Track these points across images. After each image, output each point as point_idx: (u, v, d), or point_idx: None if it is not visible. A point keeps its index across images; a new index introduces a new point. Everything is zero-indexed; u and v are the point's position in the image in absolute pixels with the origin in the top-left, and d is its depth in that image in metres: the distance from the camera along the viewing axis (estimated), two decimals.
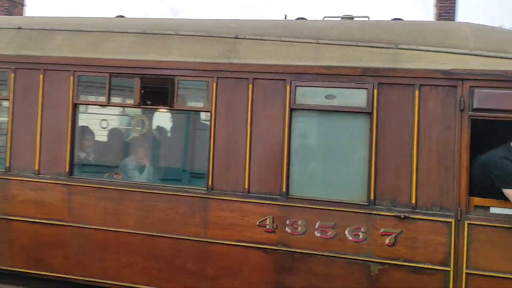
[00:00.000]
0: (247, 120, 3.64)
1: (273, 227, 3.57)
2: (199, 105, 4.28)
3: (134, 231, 3.83)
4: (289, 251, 3.55)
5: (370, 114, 3.42)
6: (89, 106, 4.72)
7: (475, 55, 3.31)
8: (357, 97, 3.47)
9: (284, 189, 3.56)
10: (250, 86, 3.64)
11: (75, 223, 3.92)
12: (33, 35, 4.16)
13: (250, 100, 3.64)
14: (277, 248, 3.57)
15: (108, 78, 3.90)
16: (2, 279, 4.13)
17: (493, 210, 3.30)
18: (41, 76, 3.99)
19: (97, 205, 3.88)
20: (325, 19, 4.34)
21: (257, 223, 3.60)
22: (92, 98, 4.38)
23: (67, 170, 3.94)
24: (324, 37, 3.64)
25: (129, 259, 3.88)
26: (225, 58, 3.71)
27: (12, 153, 4.05)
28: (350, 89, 3.48)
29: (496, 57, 3.28)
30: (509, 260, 3.22)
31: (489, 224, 3.25)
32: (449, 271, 3.30)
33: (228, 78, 3.70)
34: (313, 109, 3.58)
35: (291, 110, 3.56)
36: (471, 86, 3.26)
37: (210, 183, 3.70)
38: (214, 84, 3.70)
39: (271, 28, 3.85)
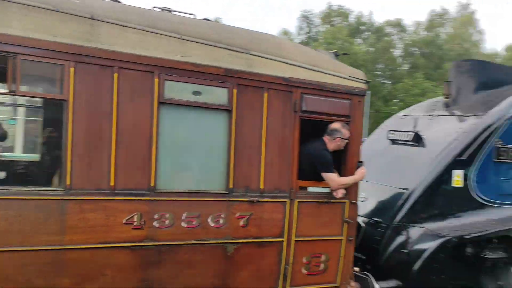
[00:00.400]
0: (112, 112, 3.36)
1: (141, 224, 3.49)
2: (51, 91, 3.55)
3: None
4: (156, 245, 3.56)
5: (230, 111, 3.79)
6: None
7: (303, 67, 4.17)
8: (220, 95, 3.77)
9: (152, 184, 3.52)
10: (116, 75, 3.37)
11: None
12: None
13: (115, 91, 3.37)
14: (144, 244, 3.51)
15: None
16: None
17: (310, 189, 4.30)
18: None
19: None
20: (154, 9, 4.32)
21: (124, 221, 3.43)
22: None
23: None
24: (186, 33, 3.73)
25: None
26: (86, 41, 3.28)
27: None
28: (214, 87, 3.74)
29: (315, 70, 4.24)
30: (321, 226, 4.30)
31: (309, 200, 4.24)
32: (283, 241, 4.11)
33: (89, 64, 3.29)
34: (181, 104, 3.64)
35: (160, 104, 3.52)
36: (301, 93, 4.11)
37: (68, 182, 3.23)
38: (72, 69, 3.22)
39: (129, 14, 3.61)
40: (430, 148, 5.94)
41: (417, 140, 6.10)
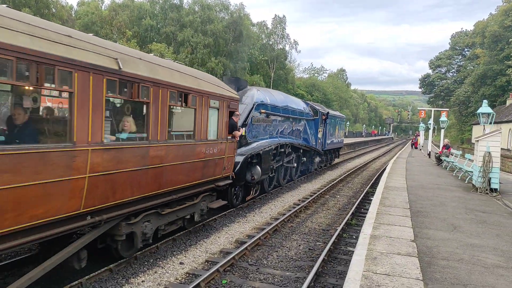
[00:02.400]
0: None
1: None
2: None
3: None
4: (205, 160, 9.50)
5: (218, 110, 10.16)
6: None
7: (230, 91, 11.03)
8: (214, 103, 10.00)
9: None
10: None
11: None
12: None
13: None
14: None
15: None
16: None
17: (228, 137, 10.94)
18: None
19: None
20: None
21: None
22: None
23: None
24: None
25: None
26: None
27: None
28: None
29: (232, 92, 11.30)
30: (231, 150, 11.15)
31: (229, 141, 10.78)
32: (224, 157, 10.59)
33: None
34: None
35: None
36: (230, 101, 10.81)
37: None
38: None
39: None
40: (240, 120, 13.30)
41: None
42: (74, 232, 6.46)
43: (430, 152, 35.85)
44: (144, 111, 7.20)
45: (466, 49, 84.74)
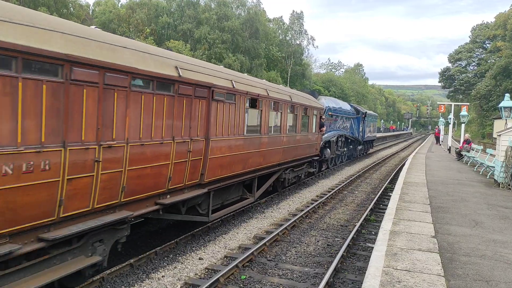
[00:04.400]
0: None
1: None
2: None
3: None
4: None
5: (317, 116, 18.11)
6: None
7: (317, 103, 19.32)
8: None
9: None
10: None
11: None
12: None
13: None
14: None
15: None
16: None
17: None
18: None
19: None
20: None
21: None
22: None
23: None
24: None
25: None
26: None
27: None
28: None
29: (318, 104, 21.15)
30: (319, 139, 19.17)
31: (319, 133, 19.15)
32: (316, 142, 18.70)
33: None
34: None
35: None
36: (319, 110, 18.76)
37: None
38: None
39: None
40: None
41: None
42: (272, 173, 13.90)
43: (450, 147, 35.32)
44: (295, 118, 15.00)
45: (487, 42, 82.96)
